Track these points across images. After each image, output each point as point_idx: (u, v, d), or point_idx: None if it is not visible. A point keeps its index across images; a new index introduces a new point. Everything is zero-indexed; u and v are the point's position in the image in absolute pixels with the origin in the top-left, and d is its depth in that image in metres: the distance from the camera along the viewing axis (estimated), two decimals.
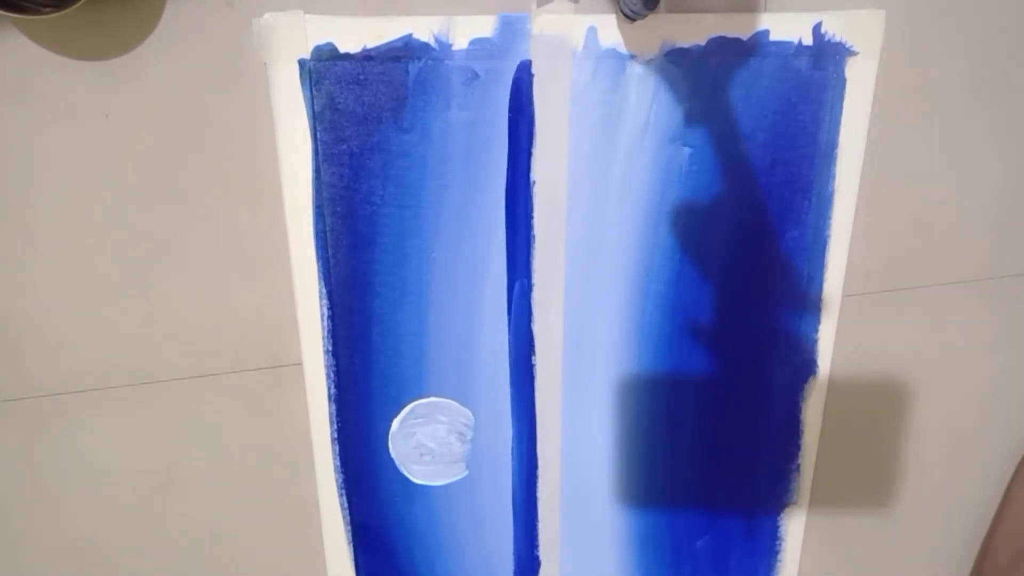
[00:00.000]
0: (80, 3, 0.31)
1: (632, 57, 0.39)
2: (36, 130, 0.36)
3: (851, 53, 0.40)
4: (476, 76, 0.38)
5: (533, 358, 0.44)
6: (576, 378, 0.44)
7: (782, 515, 0.49)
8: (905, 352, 0.46)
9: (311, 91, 0.37)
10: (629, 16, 0.37)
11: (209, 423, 0.42)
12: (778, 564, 0.50)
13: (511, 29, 0.38)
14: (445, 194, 0.40)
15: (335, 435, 0.43)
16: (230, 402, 0.42)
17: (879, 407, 0.48)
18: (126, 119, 0.36)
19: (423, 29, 0.37)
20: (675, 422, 0.46)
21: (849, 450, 0.48)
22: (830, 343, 0.45)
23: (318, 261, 0.40)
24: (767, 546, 0.50)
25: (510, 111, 0.39)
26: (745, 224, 0.42)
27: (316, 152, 0.38)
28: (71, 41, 0.35)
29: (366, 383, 0.43)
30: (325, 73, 0.37)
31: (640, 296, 0.43)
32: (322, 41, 0.36)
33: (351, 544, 0.45)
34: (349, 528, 0.45)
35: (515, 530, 0.47)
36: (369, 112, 0.38)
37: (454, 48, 0.37)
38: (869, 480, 0.50)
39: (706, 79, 0.39)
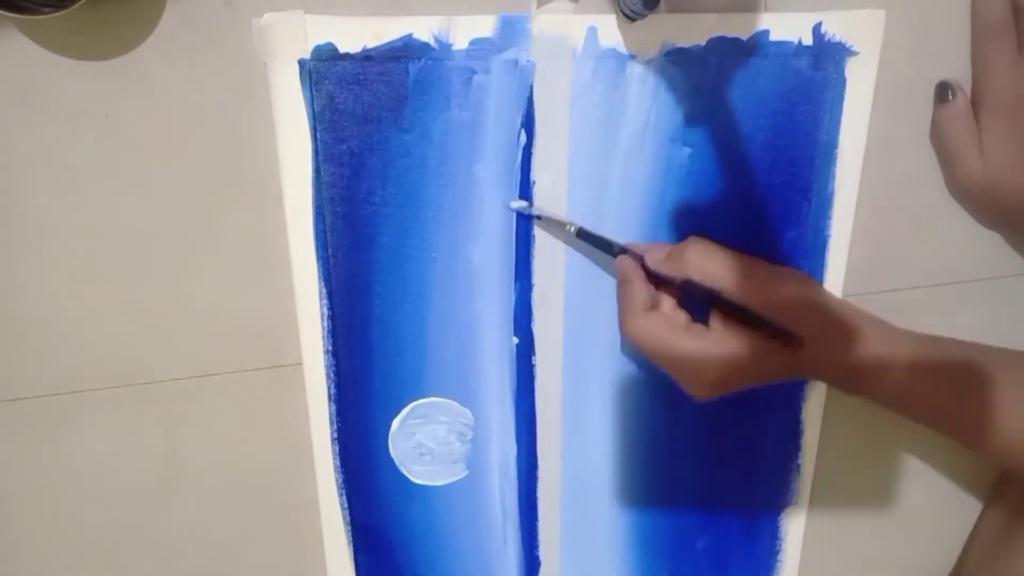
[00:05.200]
0: (80, 3, 0.31)
1: (632, 57, 0.39)
2: (35, 130, 0.36)
3: (851, 53, 0.40)
4: (476, 76, 0.38)
5: (533, 358, 0.44)
6: (576, 378, 0.44)
7: (782, 515, 0.49)
8: None
9: (311, 91, 0.37)
10: (629, 16, 0.37)
11: (209, 423, 0.42)
12: (778, 564, 0.50)
13: (511, 29, 0.38)
14: (445, 194, 0.40)
15: (335, 435, 0.43)
16: (230, 402, 0.42)
17: (879, 407, 0.48)
18: (126, 119, 0.36)
19: (423, 29, 0.37)
20: (675, 422, 0.46)
21: (849, 450, 0.48)
22: None
23: (318, 261, 0.40)
24: (767, 546, 0.50)
25: (510, 111, 0.39)
26: (745, 224, 0.42)
27: (316, 152, 0.38)
28: (71, 41, 0.35)
29: (366, 383, 0.43)
30: (325, 73, 0.37)
31: None
32: (322, 41, 0.36)
33: (351, 544, 0.45)
34: (349, 528, 0.45)
35: (515, 530, 0.47)
36: (369, 112, 0.38)
37: (454, 48, 0.37)
38: (869, 480, 0.50)
39: (706, 79, 0.40)
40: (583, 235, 0.40)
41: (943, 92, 0.41)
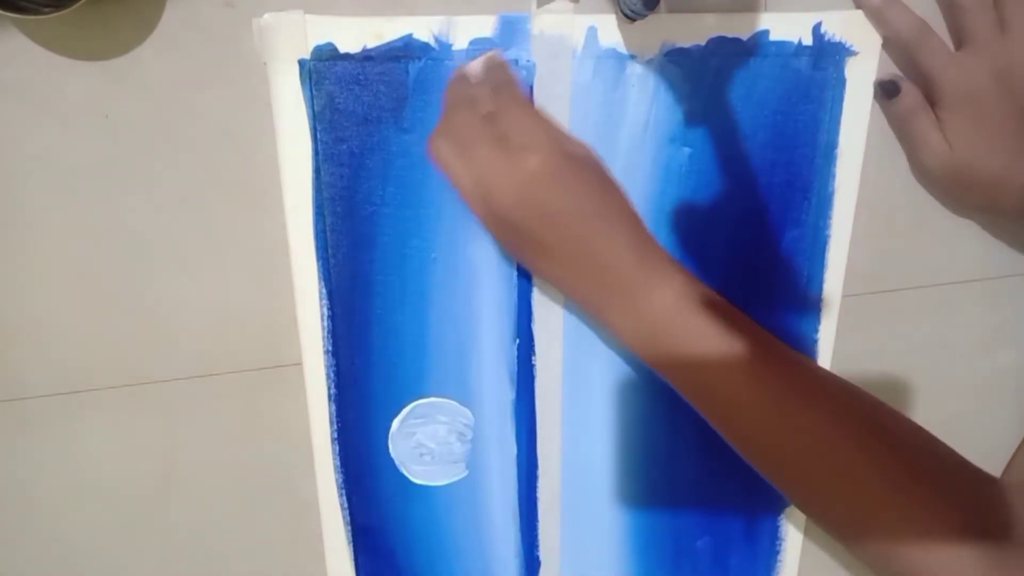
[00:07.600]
0: (80, 3, 0.31)
1: (632, 57, 0.39)
2: (35, 130, 0.36)
3: (851, 53, 0.40)
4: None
5: (533, 358, 0.44)
6: (576, 378, 0.44)
7: (782, 515, 0.49)
8: (905, 352, 0.46)
9: (311, 91, 0.37)
10: (629, 16, 0.37)
11: (209, 423, 0.42)
12: (778, 564, 0.50)
13: (511, 29, 0.38)
14: (445, 194, 0.40)
15: (335, 435, 0.43)
16: (230, 402, 0.42)
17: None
18: (126, 119, 0.36)
19: (423, 29, 0.37)
20: (675, 422, 0.46)
21: None
22: (830, 343, 0.45)
23: (318, 261, 0.40)
24: (767, 546, 0.49)
25: None
26: (745, 224, 0.42)
27: (316, 152, 0.38)
28: (71, 41, 0.35)
29: (366, 383, 0.43)
30: (325, 73, 0.37)
31: None
32: (322, 41, 0.36)
33: (351, 544, 0.45)
34: (349, 528, 0.45)
35: (515, 530, 0.47)
36: (369, 112, 0.38)
37: (454, 48, 0.37)
38: None
39: (706, 79, 0.40)
40: None
41: (890, 89, 0.40)
